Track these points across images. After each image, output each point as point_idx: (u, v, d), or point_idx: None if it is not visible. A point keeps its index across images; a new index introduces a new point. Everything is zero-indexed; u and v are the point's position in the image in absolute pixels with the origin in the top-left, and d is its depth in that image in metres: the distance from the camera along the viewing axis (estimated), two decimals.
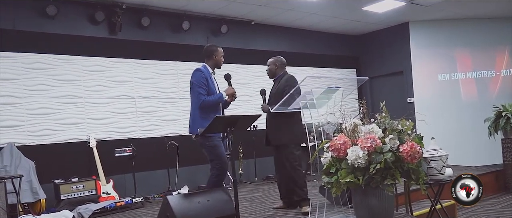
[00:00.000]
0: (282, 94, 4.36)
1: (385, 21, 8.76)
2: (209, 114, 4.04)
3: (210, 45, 4.40)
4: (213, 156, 4.08)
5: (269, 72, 4.72)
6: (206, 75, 4.18)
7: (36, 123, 6.01)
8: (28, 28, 6.01)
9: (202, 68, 4.24)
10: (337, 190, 2.92)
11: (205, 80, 4.12)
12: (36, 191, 5.46)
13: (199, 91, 4.07)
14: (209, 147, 4.08)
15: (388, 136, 2.79)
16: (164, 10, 7.07)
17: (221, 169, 4.08)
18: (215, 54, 4.29)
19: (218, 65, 4.34)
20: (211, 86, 4.17)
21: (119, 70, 6.77)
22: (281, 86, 4.55)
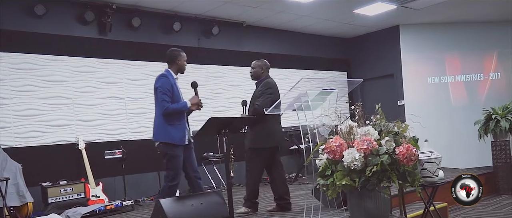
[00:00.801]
0: (258, 98, 4.42)
1: (376, 24, 8.80)
2: (174, 121, 4.02)
3: (172, 49, 4.33)
4: (171, 166, 4.04)
5: (254, 75, 4.66)
6: (171, 81, 4.12)
7: (23, 125, 5.89)
8: (16, 27, 5.88)
9: (166, 73, 4.17)
10: (332, 192, 2.90)
11: (169, 87, 4.06)
12: (23, 194, 5.33)
13: (163, 98, 4.00)
14: (170, 157, 4.03)
15: (384, 138, 2.77)
16: (155, 10, 7.00)
17: (174, 180, 4.06)
18: (178, 59, 4.24)
19: (181, 70, 4.29)
20: (175, 92, 4.12)
21: (109, 71, 6.68)
22: (259, 90, 4.56)
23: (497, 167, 6.13)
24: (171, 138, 4.00)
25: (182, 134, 4.07)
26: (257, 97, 4.50)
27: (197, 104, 4.16)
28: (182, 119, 4.11)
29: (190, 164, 4.19)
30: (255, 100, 4.51)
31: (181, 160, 4.06)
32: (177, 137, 4.03)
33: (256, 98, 4.49)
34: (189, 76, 7.47)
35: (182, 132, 4.08)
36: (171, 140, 4.00)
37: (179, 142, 4.03)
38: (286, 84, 8.89)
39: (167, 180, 4.07)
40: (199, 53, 7.60)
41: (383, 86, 9.30)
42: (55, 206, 5.57)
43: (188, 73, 7.46)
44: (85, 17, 6.32)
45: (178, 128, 4.05)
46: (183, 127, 4.10)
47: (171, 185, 4.05)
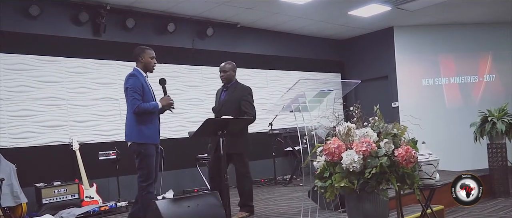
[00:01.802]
0: (238, 103, 4.39)
1: (370, 26, 8.83)
2: (146, 121, 3.96)
3: (137, 47, 4.22)
4: (144, 165, 3.97)
5: (227, 78, 4.56)
6: (141, 80, 4.03)
7: (17, 125, 5.84)
8: (10, 28, 5.83)
9: (134, 72, 4.07)
10: (331, 194, 2.89)
11: (140, 85, 3.98)
12: (17, 195, 5.29)
13: (134, 96, 3.92)
14: (144, 156, 3.96)
15: (383, 139, 2.77)
16: (149, 11, 6.97)
17: (148, 179, 3.98)
18: (141, 56, 4.10)
19: (148, 68, 4.14)
20: (146, 91, 4.04)
21: (103, 72, 6.64)
22: (237, 96, 4.49)
23: (493, 170, 6.14)
24: (144, 137, 3.95)
25: (154, 132, 4.06)
26: (234, 102, 4.43)
27: (169, 105, 4.10)
28: (154, 119, 4.06)
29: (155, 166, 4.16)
30: (243, 106, 4.45)
31: (154, 159, 4.03)
32: (150, 136, 3.99)
33: (234, 103, 4.43)
34: (184, 77, 7.49)
35: (154, 131, 4.06)
36: (144, 139, 3.95)
37: (152, 141, 4.00)
38: (280, 86, 8.92)
39: (141, 180, 3.98)
40: (193, 54, 7.58)
41: (377, 88, 9.32)
42: (49, 207, 5.53)
43: (183, 74, 7.51)
44: (80, 18, 6.28)
45: (150, 128, 4.01)
46: (155, 125, 4.07)
47: (146, 185, 3.97)
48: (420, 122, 3.06)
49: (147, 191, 3.99)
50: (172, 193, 6.85)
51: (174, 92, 7.34)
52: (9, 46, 5.83)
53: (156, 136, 4.08)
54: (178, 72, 7.47)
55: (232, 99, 4.46)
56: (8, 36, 5.82)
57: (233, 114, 4.24)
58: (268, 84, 8.77)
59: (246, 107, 4.44)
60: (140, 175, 4.00)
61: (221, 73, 4.53)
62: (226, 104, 4.43)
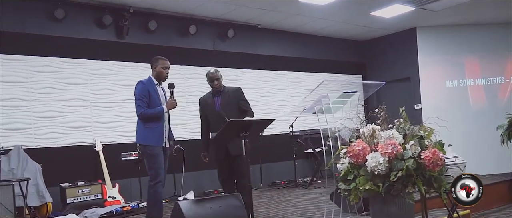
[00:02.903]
0: (237, 104, 4.42)
1: (393, 27, 8.72)
2: (151, 124, 4.14)
3: (154, 56, 4.38)
4: (151, 165, 4.13)
5: (220, 85, 4.55)
6: (148, 86, 4.19)
7: (43, 126, 5.96)
8: (37, 31, 5.98)
9: (144, 80, 4.27)
10: (355, 197, 2.86)
11: (146, 92, 4.15)
12: (43, 194, 5.41)
13: (138, 104, 4.14)
14: (149, 155, 4.14)
15: (408, 142, 2.73)
16: (171, 14, 7.04)
17: (156, 178, 4.11)
18: (155, 65, 4.29)
19: (160, 77, 4.30)
20: (154, 98, 4.19)
21: (126, 74, 6.73)
22: (233, 98, 4.50)
23: None
24: (147, 140, 4.13)
25: (158, 136, 4.17)
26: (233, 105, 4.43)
27: (173, 107, 4.27)
28: (159, 122, 4.19)
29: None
30: (242, 106, 4.45)
31: (160, 158, 4.16)
32: (153, 139, 4.14)
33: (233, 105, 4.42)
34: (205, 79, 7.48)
35: (158, 134, 4.17)
36: (148, 141, 4.13)
37: (155, 143, 4.14)
38: (300, 88, 8.89)
39: (149, 179, 4.16)
40: (214, 56, 7.61)
41: (399, 90, 9.19)
42: (73, 206, 5.63)
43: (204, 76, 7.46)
44: (103, 20, 6.38)
45: (154, 130, 4.15)
46: (159, 129, 4.19)
47: (153, 184, 4.11)
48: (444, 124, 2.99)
49: (154, 189, 4.12)
50: (193, 194, 6.89)
51: (195, 94, 7.38)
52: (36, 48, 5.98)
53: (160, 139, 4.19)
54: (199, 74, 7.51)
55: (230, 102, 4.47)
56: (35, 39, 5.97)
57: (235, 116, 4.26)
58: (288, 86, 8.75)
59: (246, 106, 4.50)
60: (149, 175, 4.16)
61: (216, 82, 4.51)
62: (226, 108, 4.42)
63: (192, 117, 7.32)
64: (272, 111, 8.32)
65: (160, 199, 4.18)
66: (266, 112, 8.21)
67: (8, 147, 5.51)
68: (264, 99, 8.27)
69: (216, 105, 4.49)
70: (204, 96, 4.69)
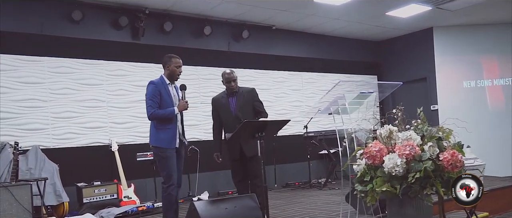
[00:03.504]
0: (252, 105, 4.39)
1: (409, 27, 8.63)
2: (163, 125, 4.10)
3: (165, 55, 4.31)
4: (162, 167, 4.12)
5: (236, 86, 4.54)
6: (160, 87, 4.14)
7: (60, 126, 6.04)
8: (55, 32, 6.06)
9: (156, 80, 4.21)
10: (371, 199, 2.83)
11: (157, 93, 4.10)
12: (60, 194, 5.47)
13: (149, 104, 4.09)
14: (161, 158, 4.11)
15: (427, 143, 2.69)
16: (186, 15, 7.07)
17: (169, 181, 4.09)
18: (168, 65, 4.21)
19: (173, 77, 4.24)
20: (165, 98, 4.14)
21: (141, 75, 6.77)
22: (248, 99, 4.47)
23: None
24: (160, 141, 4.10)
25: (171, 137, 4.14)
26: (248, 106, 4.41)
27: (184, 108, 4.21)
28: (171, 123, 4.14)
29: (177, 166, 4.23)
30: (257, 107, 4.43)
31: (172, 161, 4.13)
32: (165, 140, 4.11)
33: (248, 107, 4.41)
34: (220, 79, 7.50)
35: (171, 135, 4.14)
36: (160, 143, 4.10)
37: (167, 145, 4.11)
38: (315, 88, 8.86)
39: (162, 182, 4.15)
40: (229, 57, 7.62)
41: (415, 90, 9.09)
42: (89, 206, 5.68)
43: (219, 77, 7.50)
44: (119, 22, 6.43)
45: (167, 132, 4.12)
46: (172, 131, 4.15)
47: (166, 186, 4.10)
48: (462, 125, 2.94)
49: (168, 192, 4.11)
50: (207, 194, 6.90)
51: (210, 95, 7.36)
52: (54, 50, 6.06)
53: (173, 140, 4.15)
54: (213, 75, 7.53)
55: (246, 102, 4.45)
56: (52, 40, 6.05)
57: (250, 117, 4.24)
58: (303, 86, 8.72)
59: (260, 107, 4.47)
60: (162, 177, 4.16)
61: (232, 83, 4.49)
62: (242, 109, 4.40)
63: (206, 118, 7.33)
64: (287, 112, 8.30)
65: (174, 201, 4.17)
66: (280, 112, 8.19)
67: (26, 147, 5.60)
68: (278, 100, 8.26)
69: (231, 106, 4.48)
70: (217, 96, 4.66)
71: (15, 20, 5.79)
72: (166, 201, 4.13)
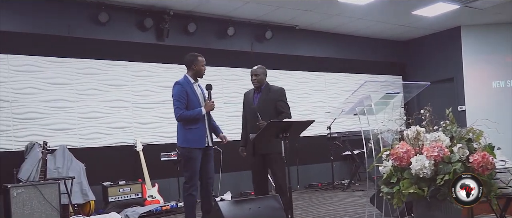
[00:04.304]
0: (274, 105, 4.32)
1: (435, 26, 8.47)
2: (190, 126, 4.11)
3: (189, 54, 4.32)
4: (187, 168, 4.13)
5: (259, 81, 4.47)
6: (186, 87, 4.15)
7: (87, 126, 6.15)
8: (82, 34, 6.19)
9: (181, 80, 4.22)
10: (398, 201, 2.77)
11: (184, 94, 4.11)
12: (86, 192, 5.58)
13: (177, 105, 4.10)
14: (187, 159, 4.13)
15: (456, 144, 2.62)
16: (210, 16, 7.11)
17: (190, 181, 4.11)
18: (194, 64, 4.22)
19: (199, 75, 4.27)
20: (192, 98, 4.15)
21: (165, 76, 6.84)
22: (272, 98, 4.41)
23: None
24: (188, 142, 4.11)
25: (199, 137, 4.15)
26: (270, 104, 4.36)
27: (211, 108, 4.24)
28: (199, 123, 4.16)
29: (206, 168, 4.25)
30: (279, 106, 4.35)
31: (197, 162, 4.14)
32: (194, 140, 4.12)
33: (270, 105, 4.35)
34: (243, 80, 7.53)
35: (199, 135, 4.15)
36: (188, 144, 4.11)
37: (195, 145, 4.12)
38: (338, 89, 8.78)
39: (184, 182, 4.17)
40: (252, 57, 7.63)
41: (442, 91, 8.90)
42: (114, 205, 5.77)
43: (241, 78, 7.57)
44: (144, 23, 6.52)
45: (195, 132, 4.13)
46: (200, 130, 4.16)
47: (188, 187, 4.12)
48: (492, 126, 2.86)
49: (189, 193, 4.13)
50: (230, 194, 6.91)
51: (233, 95, 7.43)
52: (81, 51, 6.18)
53: (201, 140, 4.16)
54: (237, 75, 7.56)
55: (267, 101, 4.41)
56: (80, 42, 6.17)
57: (270, 115, 4.20)
58: (326, 87, 8.65)
59: (283, 107, 4.39)
60: (184, 177, 4.18)
61: (253, 77, 4.48)
62: (262, 106, 4.38)
63: (229, 118, 7.37)
64: (310, 112, 8.25)
65: (195, 202, 4.21)
66: (303, 113, 8.15)
67: (54, 147, 5.72)
68: (301, 101, 8.22)
69: (254, 101, 4.48)
70: (248, 91, 4.68)
71: (44, 23, 5.94)
72: (187, 201, 4.17)
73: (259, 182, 4.48)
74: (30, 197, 4.76)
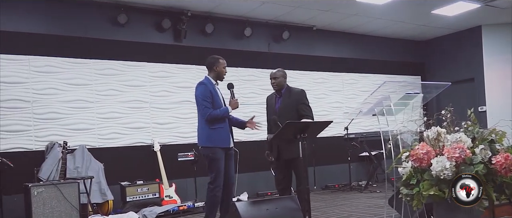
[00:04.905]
0: (296, 107, 4.29)
1: (455, 25, 8.34)
2: (216, 125, 4.14)
3: (211, 56, 4.38)
4: (212, 168, 4.15)
5: (278, 84, 4.45)
6: (210, 88, 4.20)
7: (105, 127, 6.22)
8: (101, 36, 6.27)
9: (204, 81, 4.26)
10: (418, 203, 2.73)
11: (209, 93, 4.15)
12: (105, 192, 5.64)
13: (205, 105, 4.13)
14: (211, 159, 4.14)
15: (478, 146, 2.57)
16: (227, 17, 7.13)
17: (215, 182, 4.13)
18: (216, 66, 4.28)
19: (220, 77, 4.33)
20: (216, 98, 4.20)
21: (183, 76, 6.88)
22: (293, 100, 4.38)
23: None
24: (212, 141, 4.14)
25: (224, 136, 4.19)
26: (291, 107, 4.32)
27: (236, 106, 4.29)
28: (224, 122, 4.21)
29: (228, 168, 4.28)
30: (301, 110, 4.32)
31: (222, 162, 4.17)
32: (219, 140, 4.15)
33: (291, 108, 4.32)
34: (260, 80, 7.53)
35: (223, 135, 4.19)
36: (212, 143, 4.14)
37: (221, 144, 4.15)
38: (356, 89, 8.71)
39: (209, 182, 4.18)
40: (269, 58, 7.62)
41: (461, 91, 8.75)
42: (132, 204, 5.82)
43: (259, 78, 7.57)
44: (162, 24, 6.57)
45: (220, 132, 4.17)
46: (225, 130, 4.21)
47: (213, 187, 4.14)
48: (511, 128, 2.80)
49: (214, 194, 4.15)
50: (246, 195, 6.91)
51: (250, 96, 7.43)
52: (99, 52, 6.25)
53: (226, 139, 4.21)
54: (254, 76, 7.56)
55: (289, 104, 4.38)
56: (99, 43, 6.25)
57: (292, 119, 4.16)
58: (343, 87, 8.59)
59: (304, 110, 4.37)
60: (210, 177, 4.20)
61: (272, 81, 4.47)
62: (284, 111, 4.35)
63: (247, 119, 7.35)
64: (327, 113, 8.20)
65: (218, 202, 4.22)
66: (320, 113, 8.10)
67: (74, 146, 5.79)
68: (318, 101, 8.17)
69: (276, 106, 4.46)
70: (271, 94, 4.66)
71: (64, 25, 6.03)
72: (211, 201, 4.18)
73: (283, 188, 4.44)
74: (50, 196, 4.83)
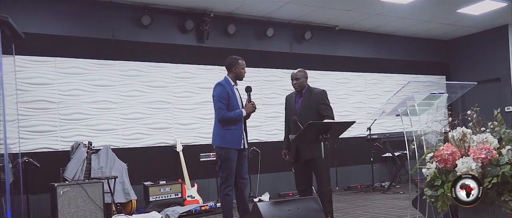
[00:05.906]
0: (316, 108, 4.25)
1: (481, 24, 8.16)
2: (230, 126, 4.17)
3: (230, 57, 4.40)
4: (224, 168, 4.19)
5: (300, 85, 4.39)
6: (227, 89, 4.22)
7: (129, 127, 6.32)
8: (125, 37, 6.38)
9: (222, 81, 4.29)
10: (442, 204, 2.68)
11: (225, 95, 4.19)
12: (128, 192, 5.71)
13: (219, 106, 4.17)
14: (224, 159, 4.18)
15: (505, 146, 2.51)
16: (249, 17, 7.15)
17: (226, 181, 4.16)
18: (235, 67, 4.31)
19: (239, 78, 4.36)
20: (232, 100, 4.23)
21: (205, 77, 6.93)
22: (314, 101, 4.33)
23: None
24: (226, 142, 4.18)
25: (237, 138, 4.22)
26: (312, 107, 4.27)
27: (252, 111, 4.30)
28: (238, 124, 4.23)
29: (240, 168, 4.30)
30: (321, 110, 4.25)
31: (234, 163, 4.20)
32: (232, 141, 4.18)
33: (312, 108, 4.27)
34: (282, 81, 7.52)
35: (237, 136, 4.22)
36: (226, 144, 4.18)
37: (234, 145, 4.19)
38: (378, 89, 8.61)
39: (220, 182, 4.23)
40: (291, 58, 7.61)
41: (487, 91, 8.56)
42: (155, 204, 5.88)
43: (281, 79, 7.57)
44: (185, 25, 6.64)
45: (233, 133, 4.20)
46: (238, 131, 4.23)
47: (224, 187, 4.18)
48: None
49: (225, 193, 4.19)
50: (268, 195, 6.92)
51: (271, 96, 7.44)
52: (124, 54, 6.36)
53: (239, 141, 4.24)
54: (276, 77, 7.56)
55: (309, 105, 4.34)
56: (123, 45, 6.35)
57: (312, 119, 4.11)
58: (366, 88, 8.50)
59: (325, 111, 4.30)
60: (220, 177, 4.25)
61: (294, 81, 4.43)
62: (304, 111, 4.31)
63: (268, 119, 7.38)
64: (349, 113, 8.14)
65: (232, 201, 4.26)
66: (343, 114, 8.05)
67: (98, 147, 5.90)
68: (341, 101, 8.12)
69: (297, 106, 4.44)
70: (290, 94, 4.62)
71: (90, 26, 6.15)
72: (224, 201, 4.24)
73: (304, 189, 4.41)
74: (75, 196, 4.92)
